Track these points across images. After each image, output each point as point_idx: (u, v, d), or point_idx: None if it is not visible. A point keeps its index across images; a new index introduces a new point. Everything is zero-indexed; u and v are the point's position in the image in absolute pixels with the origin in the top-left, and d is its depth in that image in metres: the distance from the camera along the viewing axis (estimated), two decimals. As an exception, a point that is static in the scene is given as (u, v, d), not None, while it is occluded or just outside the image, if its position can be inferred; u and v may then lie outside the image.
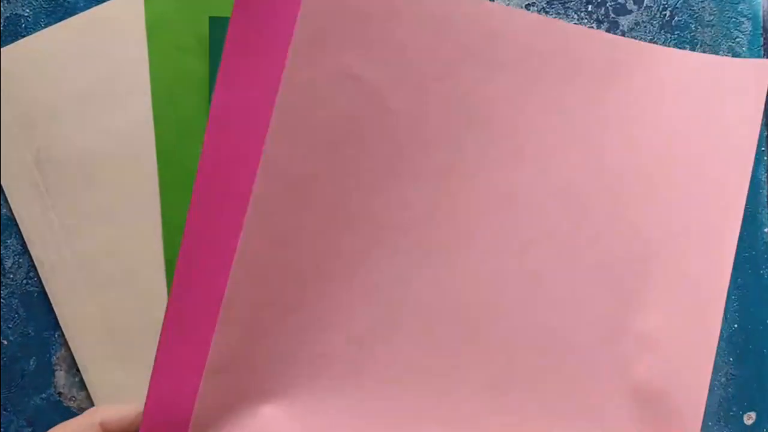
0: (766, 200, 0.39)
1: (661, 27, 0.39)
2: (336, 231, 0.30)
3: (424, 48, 0.30)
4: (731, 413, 0.38)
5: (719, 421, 0.38)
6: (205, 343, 0.30)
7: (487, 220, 0.31)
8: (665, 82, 0.33)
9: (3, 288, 0.38)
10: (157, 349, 0.31)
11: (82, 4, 0.39)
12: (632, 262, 0.32)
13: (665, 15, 0.39)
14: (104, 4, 0.39)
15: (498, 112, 0.31)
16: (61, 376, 0.38)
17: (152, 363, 0.38)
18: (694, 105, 0.33)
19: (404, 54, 0.30)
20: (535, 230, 0.32)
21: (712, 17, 0.39)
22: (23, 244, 0.38)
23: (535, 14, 0.32)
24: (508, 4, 0.39)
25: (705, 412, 0.38)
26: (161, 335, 0.31)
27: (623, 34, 0.39)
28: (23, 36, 0.39)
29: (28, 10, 0.39)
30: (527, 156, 0.32)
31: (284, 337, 0.30)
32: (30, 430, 0.38)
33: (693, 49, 0.39)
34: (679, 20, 0.39)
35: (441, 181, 0.31)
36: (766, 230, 0.39)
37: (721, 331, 0.38)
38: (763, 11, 0.39)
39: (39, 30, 0.39)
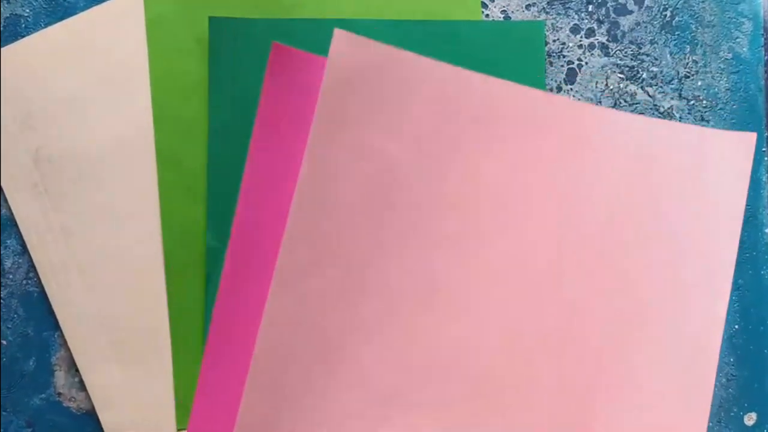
0: (766, 201, 0.39)
1: (662, 27, 0.39)
2: (358, 295, 0.32)
3: (437, 123, 0.33)
4: (732, 414, 0.38)
5: (719, 422, 0.38)
6: (236, 402, 0.32)
7: (498, 285, 0.33)
8: (656, 152, 0.35)
9: (2, 288, 0.38)
10: (192, 409, 0.34)
11: (81, 5, 0.39)
12: (628, 322, 0.34)
13: (666, 15, 0.39)
14: (104, 4, 0.39)
15: (504, 184, 0.33)
16: (60, 377, 0.38)
17: (150, 364, 0.38)
18: (684, 174, 0.35)
19: (420, 128, 0.32)
20: (541, 292, 0.34)
21: (712, 17, 0.39)
22: (23, 245, 0.38)
23: (535, 89, 0.35)
24: (508, 4, 0.39)
25: (705, 412, 0.38)
26: (195, 396, 0.34)
27: (624, 35, 0.39)
28: (23, 36, 0.39)
29: (27, 10, 0.39)
30: (534, 223, 0.34)
31: (309, 397, 0.32)
32: (30, 430, 0.38)
33: (694, 50, 0.39)
34: (679, 20, 0.39)
35: (456, 248, 0.33)
36: (766, 231, 0.39)
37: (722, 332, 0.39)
38: (764, 12, 0.39)
39: (39, 30, 0.39)
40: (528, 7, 0.39)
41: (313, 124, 0.31)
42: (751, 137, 0.35)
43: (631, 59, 0.39)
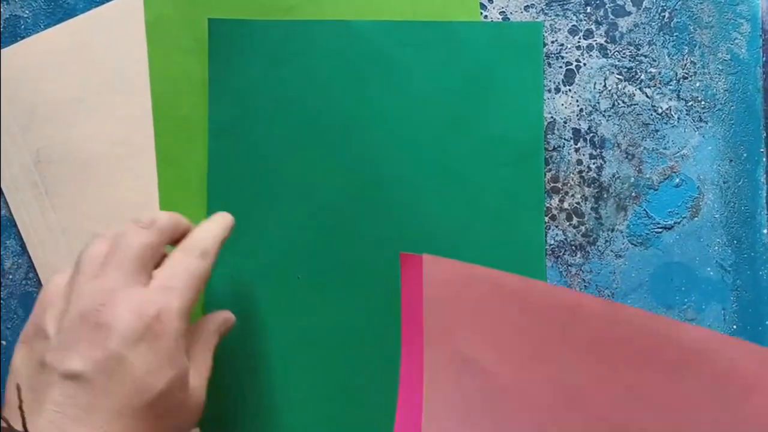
0: (764, 202, 0.39)
1: (660, 29, 0.39)
2: None
3: (519, 333, 0.36)
4: (730, 414, 0.38)
5: (718, 423, 0.38)
6: None
7: None
8: (729, 370, 0.35)
9: (2, 289, 0.39)
10: None
11: (81, 6, 0.39)
12: None
13: (664, 16, 0.39)
14: (104, 5, 0.39)
15: (587, 392, 0.35)
16: (60, 377, 0.38)
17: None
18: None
19: (504, 338, 0.36)
20: None
21: (711, 19, 0.39)
22: (22, 245, 0.38)
23: (603, 300, 0.37)
24: (507, 5, 0.39)
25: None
26: None
27: (622, 36, 0.39)
28: (23, 37, 0.39)
29: (27, 12, 0.39)
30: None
31: None
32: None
33: (692, 51, 0.39)
34: (678, 22, 0.39)
35: None
36: (764, 231, 0.39)
37: (720, 333, 0.39)
38: (762, 13, 0.39)
39: (38, 31, 0.39)
40: (526, 8, 0.39)
41: (424, 340, 0.36)
42: None
43: (630, 60, 0.39)
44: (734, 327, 0.39)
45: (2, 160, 0.38)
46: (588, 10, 0.39)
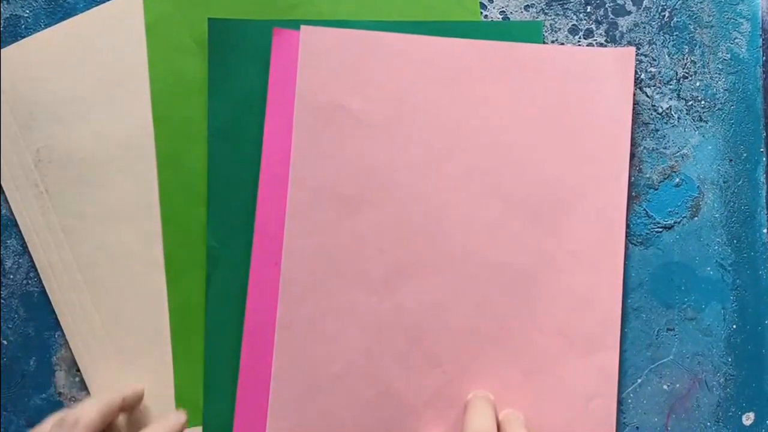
0: (764, 201, 0.39)
1: (660, 28, 0.39)
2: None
3: (389, 81, 0.38)
4: (730, 414, 0.39)
5: (718, 422, 0.38)
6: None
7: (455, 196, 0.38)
8: (545, 74, 0.38)
9: (3, 288, 0.39)
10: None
11: (81, 6, 0.39)
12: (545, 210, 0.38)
13: (664, 16, 0.39)
14: (104, 5, 0.39)
15: (440, 113, 0.38)
16: (61, 376, 0.38)
17: (151, 363, 0.38)
18: (572, 92, 0.38)
19: (378, 86, 0.38)
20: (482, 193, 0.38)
21: (711, 18, 0.39)
22: (23, 245, 0.39)
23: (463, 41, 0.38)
24: (507, 5, 0.39)
25: (704, 411, 0.38)
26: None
27: (622, 36, 0.39)
28: (23, 37, 0.39)
29: (27, 11, 0.39)
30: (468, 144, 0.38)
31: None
32: (30, 430, 0.38)
33: (692, 50, 0.39)
34: (678, 21, 0.39)
35: (418, 171, 0.38)
36: (764, 231, 0.39)
37: (720, 332, 0.39)
38: (762, 12, 0.39)
39: (39, 31, 0.39)
40: (527, 8, 0.39)
41: (295, 98, 0.37)
42: (630, 51, 0.38)
43: (630, 60, 0.39)
44: (734, 326, 0.39)
45: (2, 160, 0.38)
46: (588, 10, 0.39)
